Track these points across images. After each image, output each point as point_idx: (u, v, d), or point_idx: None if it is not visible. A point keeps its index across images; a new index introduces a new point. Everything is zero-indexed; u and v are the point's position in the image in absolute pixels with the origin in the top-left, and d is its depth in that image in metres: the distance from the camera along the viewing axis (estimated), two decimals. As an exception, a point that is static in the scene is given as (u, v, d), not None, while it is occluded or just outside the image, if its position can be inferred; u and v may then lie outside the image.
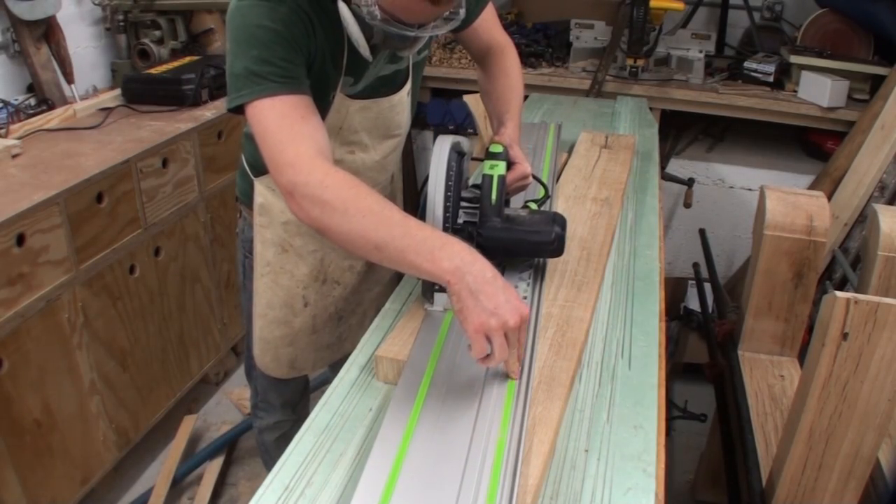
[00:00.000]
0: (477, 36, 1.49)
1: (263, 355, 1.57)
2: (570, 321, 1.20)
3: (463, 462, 0.90)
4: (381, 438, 0.95)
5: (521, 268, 1.30)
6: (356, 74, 1.28)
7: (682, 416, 2.33)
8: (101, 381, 2.06)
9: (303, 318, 1.55)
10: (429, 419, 0.97)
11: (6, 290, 1.71)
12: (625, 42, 2.84)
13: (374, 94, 1.35)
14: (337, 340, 1.65)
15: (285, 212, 1.41)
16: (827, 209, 1.64)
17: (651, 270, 1.45)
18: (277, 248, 1.48)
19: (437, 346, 1.13)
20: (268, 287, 1.51)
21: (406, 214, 1.04)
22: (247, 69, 1.11)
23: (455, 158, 1.21)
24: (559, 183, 1.71)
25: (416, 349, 1.13)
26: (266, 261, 1.49)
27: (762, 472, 1.42)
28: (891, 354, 1.13)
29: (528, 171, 1.30)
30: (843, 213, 2.47)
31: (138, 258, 2.15)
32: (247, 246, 1.56)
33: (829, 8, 2.86)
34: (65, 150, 2.06)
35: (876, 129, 2.46)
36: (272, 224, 1.46)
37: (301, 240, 1.48)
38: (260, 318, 1.54)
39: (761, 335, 1.76)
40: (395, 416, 0.98)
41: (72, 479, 1.99)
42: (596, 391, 1.11)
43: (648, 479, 0.94)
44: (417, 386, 1.03)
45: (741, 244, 2.96)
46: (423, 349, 1.12)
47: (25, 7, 2.28)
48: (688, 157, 2.99)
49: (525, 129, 1.94)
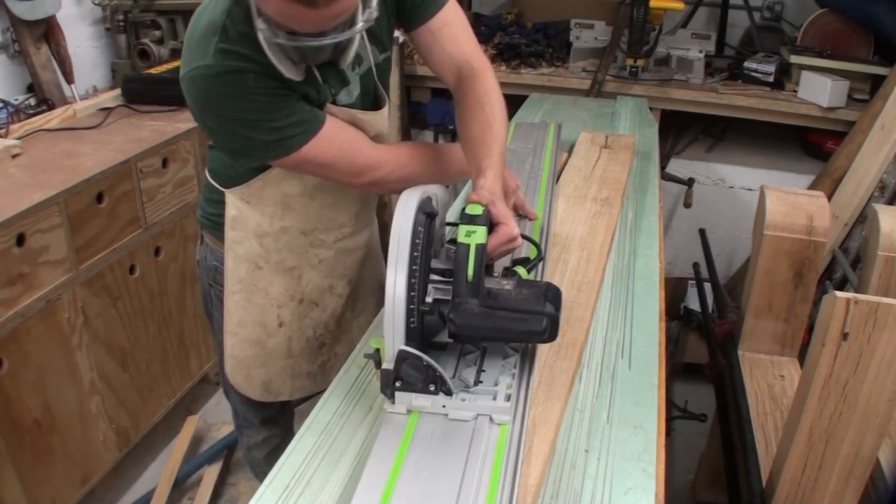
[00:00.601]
0: (440, 51, 1.27)
1: (235, 374, 1.51)
2: (570, 321, 1.20)
3: (463, 462, 0.90)
4: (381, 438, 0.94)
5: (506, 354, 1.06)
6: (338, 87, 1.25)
7: (682, 416, 2.33)
8: (101, 382, 2.05)
9: (277, 339, 1.47)
10: (429, 419, 0.97)
11: (6, 290, 1.71)
12: (625, 42, 2.84)
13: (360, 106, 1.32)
14: (319, 369, 1.56)
15: (261, 222, 1.36)
16: (827, 209, 1.64)
17: (651, 270, 1.45)
18: (251, 265, 1.41)
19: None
20: (239, 305, 1.44)
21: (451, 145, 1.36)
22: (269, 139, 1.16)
23: (423, 222, 0.98)
24: (559, 183, 1.71)
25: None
26: (238, 278, 1.42)
27: (762, 472, 1.42)
28: (891, 354, 1.13)
29: (514, 232, 1.09)
30: (843, 213, 2.47)
31: (138, 258, 2.15)
32: (210, 275, 1.50)
33: (829, 8, 2.86)
34: (65, 150, 2.06)
35: (876, 129, 2.46)
36: (246, 238, 1.39)
37: (279, 255, 1.40)
38: (231, 335, 1.47)
39: (761, 335, 1.76)
40: (395, 417, 0.98)
41: (72, 479, 1.99)
42: (596, 391, 1.11)
43: (648, 479, 0.95)
44: None
45: (741, 244, 2.96)
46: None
47: (25, 7, 2.28)
48: (688, 157, 2.99)
49: (525, 129, 1.95)
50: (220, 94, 1.11)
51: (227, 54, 1.09)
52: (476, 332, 0.99)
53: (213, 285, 1.51)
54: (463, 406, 0.97)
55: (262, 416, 1.70)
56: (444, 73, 1.30)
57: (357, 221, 1.45)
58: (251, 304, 1.44)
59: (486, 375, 1.01)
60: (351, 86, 1.27)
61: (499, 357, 1.05)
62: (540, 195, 1.54)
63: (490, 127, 1.20)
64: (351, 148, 1.23)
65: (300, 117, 1.16)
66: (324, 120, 1.20)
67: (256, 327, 1.46)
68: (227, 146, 1.24)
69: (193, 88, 1.13)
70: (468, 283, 0.97)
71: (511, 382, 1.00)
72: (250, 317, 1.45)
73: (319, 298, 1.48)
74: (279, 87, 1.13)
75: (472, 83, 1.25)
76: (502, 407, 0.96)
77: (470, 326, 0.97)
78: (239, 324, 1.46)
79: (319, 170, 1.25)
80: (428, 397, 0.97)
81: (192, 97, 1.14)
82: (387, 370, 0.96)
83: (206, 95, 1.13)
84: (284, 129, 1.15)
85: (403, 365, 0.96)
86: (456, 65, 1.27)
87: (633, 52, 2.79)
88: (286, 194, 1.33)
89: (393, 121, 3.02)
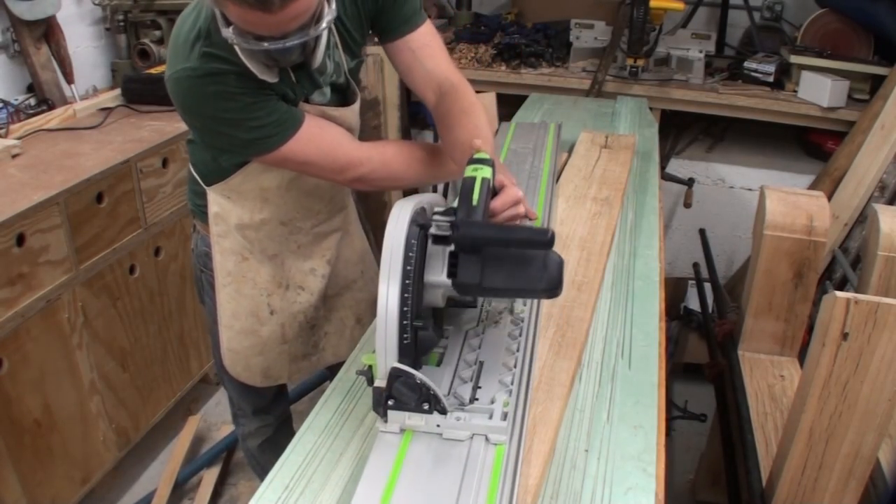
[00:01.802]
0: (419, 65, 1.32)
1: (234, 365, 1.55)
2: (570, 321, 1.20)
3: (463, 461, 0.90)
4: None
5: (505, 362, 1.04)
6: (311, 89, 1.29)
7: (682, 416, 2.33)
8: (101, 381, 2.06)
9: (270, 327, 1.51)
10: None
11: (6, 290, 1.71)
12: (625, 42, 2.84)
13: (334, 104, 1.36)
14: (314, 350, 1.61)
15: (241, 216, 1.41)
16: (827, 209, 1.64)
17: (651, 270, 1.45)
18: (237, 257, 1.45)
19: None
20: (231, 297, 1.48)
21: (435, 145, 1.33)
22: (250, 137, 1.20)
23: (416, 234, 0.94)
24: (559, 183, 1.71)
25: None
26: (227, 271, 1.46)
27: (762, 472, 1.42)
28: (891, 354, 1.13)
29: (518, 195, 1.08)
30: (843, 213, 2.47)
31: (138, 258, 2.15)
32: (202, 261, 1.53)
33: (829, 8, 2.86)
34: (65, 150, 2.06)
35: (876, 129, 2.46)
36: (229, 232, 1.43)
37: (260, 244, 1.45)
38: (226, 329, 1.51)
39: (761, 335, 1.76)
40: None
41: (72, 479, 1.99)
42: (596, 391, 1.11)
43: (648, 479, 0.95)
44: None
45: (741, 244, 2.96)
46: None
47: (25, 7, 2.28)
48: (688, 157, 2.99)
49: (525, 129, 1.95)
50: (204, 94, 1.16)
51: (210, 57, 1.14)
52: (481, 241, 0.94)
53: (203, 271, 1.55)
54: (458, 425, 0.93)
55: (255, 405, 1.73)
56: (424, 90, 1.34)
57: (332, 207, 1.51)
58: (242, 296, 1.49)
59: (482, 392, 0.98)
60: (324, 88, 1.32)
61: (495, 374, 1.02)
62: (540, 195, 1.54)
63: (478, 130, 1.20)
64: (331, 146, 1.27)
65: (280, 117, 1.20)
66: (302, 119, 1.23)
67: (249, 318, 1.50)
68: (211, 144, 1.29)
69: (178, 89, 1.18)
70: (473, 207, 0.96)
71: (507, 400, 0.96)
72: (242, 308, 1.49)
73: (304, 282, 1.53)
74: (259, 87, 1.17)
75: (454, 96, 1.28)
76: (498, 426, 0.92)
77: (476, 237, 0.93)
78: (232, 316, 1.50)
79: (302, 167, 1.29)
80: (421, 416, 0.93)
81: (177, 97, 1.20)
82: (378, 388, 0.93)
83: (190, 95, 1.18)
84: (265, 127, 1.19)
85: (396, 383, 0.92)
86: (437, 82, 1.31)
87: (633, 52, 2.79)
88: (264, 188, 1.38)
89: (393, 121, 3.03)
